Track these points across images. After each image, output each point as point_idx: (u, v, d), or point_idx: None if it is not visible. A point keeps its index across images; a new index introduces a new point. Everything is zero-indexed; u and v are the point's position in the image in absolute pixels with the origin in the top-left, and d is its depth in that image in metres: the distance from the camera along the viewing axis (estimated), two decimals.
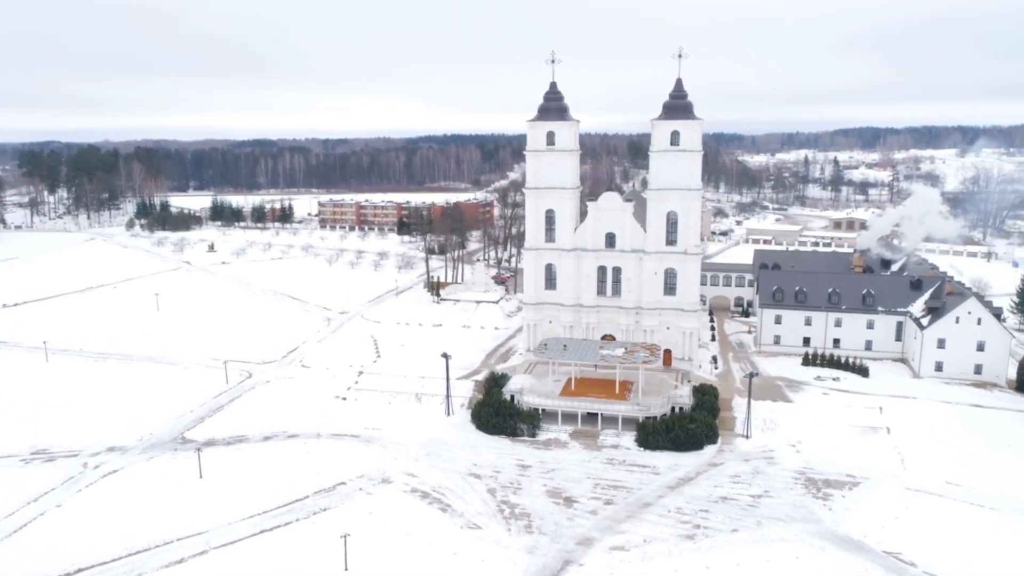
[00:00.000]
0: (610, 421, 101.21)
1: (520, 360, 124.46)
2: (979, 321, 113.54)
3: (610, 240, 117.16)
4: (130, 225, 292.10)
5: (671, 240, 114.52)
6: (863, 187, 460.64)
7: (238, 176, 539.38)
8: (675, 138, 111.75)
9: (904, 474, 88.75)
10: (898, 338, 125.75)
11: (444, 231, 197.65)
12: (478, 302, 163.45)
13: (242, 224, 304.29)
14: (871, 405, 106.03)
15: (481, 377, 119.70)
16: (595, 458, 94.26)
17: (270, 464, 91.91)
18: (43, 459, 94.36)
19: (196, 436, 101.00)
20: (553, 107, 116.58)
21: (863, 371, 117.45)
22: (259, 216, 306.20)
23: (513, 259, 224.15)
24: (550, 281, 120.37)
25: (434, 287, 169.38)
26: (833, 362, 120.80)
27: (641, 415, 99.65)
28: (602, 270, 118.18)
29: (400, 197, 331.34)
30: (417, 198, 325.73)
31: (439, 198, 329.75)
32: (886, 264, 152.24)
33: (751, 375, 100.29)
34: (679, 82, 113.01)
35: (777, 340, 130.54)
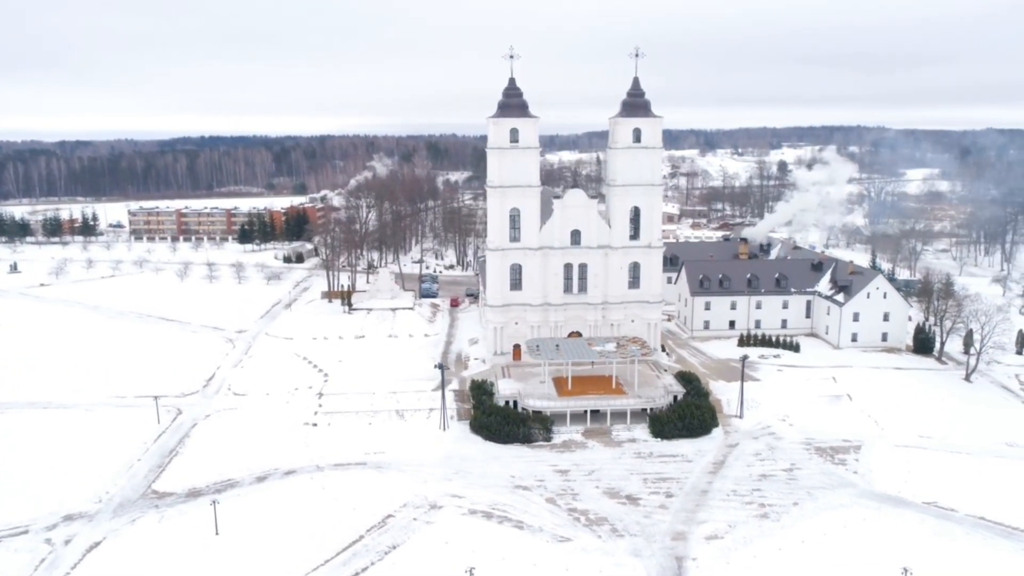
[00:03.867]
0: (614, 416, 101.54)
1: (485, 366, 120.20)
2: (885, 295, 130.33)
3: (575, 237, 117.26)
4: None
5: (634, 235, 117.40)
6: None
7: None
8: (637, 135, 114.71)
9: (885, 434, 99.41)
10: (807, 315, 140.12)
11: (338, 237, 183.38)
12: (394, 310, 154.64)
13: (31, 240, 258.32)
14: (824, 377, 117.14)
15: (455, 387, 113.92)
16: (622, 454, 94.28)
17: (289, 507, 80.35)
18: None
19: (169, 487, 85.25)
20: (514, 103, 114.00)
21: (795, 347, 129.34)
22: (53, 229, 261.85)
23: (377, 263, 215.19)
24: (515, 282, 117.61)
25: (344, 296, 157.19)
26: (766, 341, 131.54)
27: (648, 407, 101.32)
28: (568, 267, 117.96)
29: (227, 203, 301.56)
30: (244, 204, 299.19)
31: (263, 203, 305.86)
32: (765, 250, 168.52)
33: (744, 358, 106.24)
34: (636, 81, 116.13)
35: (707, 325, 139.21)
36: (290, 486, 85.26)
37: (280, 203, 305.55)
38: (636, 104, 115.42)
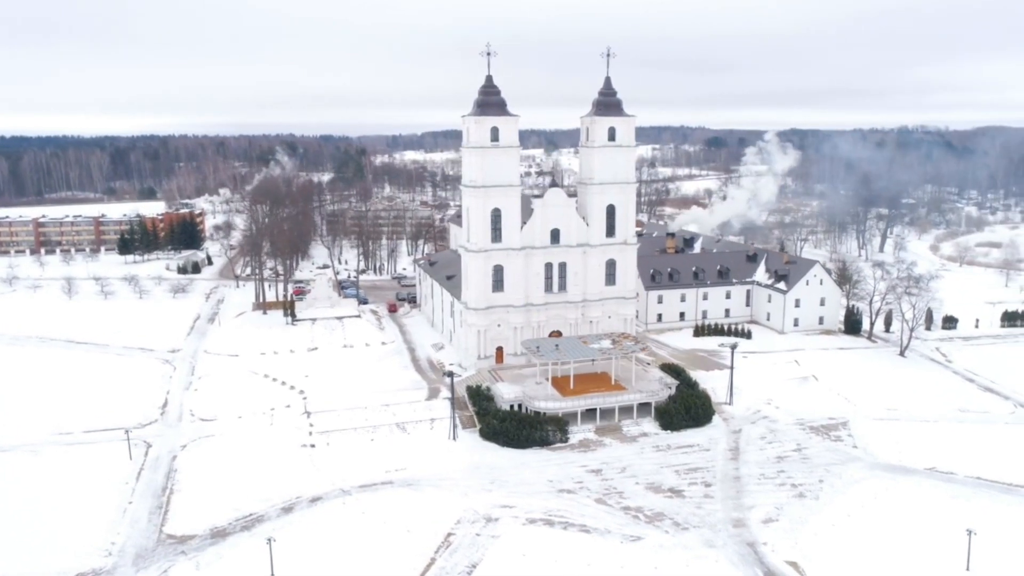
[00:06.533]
0: (619, 411, 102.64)
1: (468, 370, 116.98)
2: (821, 282, 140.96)
3: (555, 236, 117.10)
4: None
5: (610, 232, 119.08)
6: None
7: None
8: (612, 134, 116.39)
9: (860, 410, 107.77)
10: (747, 304, 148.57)
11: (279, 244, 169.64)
12: (340, 318, 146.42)
13: None
14: (788, 360, 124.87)
15: (446, 395, 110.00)
16: (642, 449, 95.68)
17: (337, 536, 74.62)
18: None
19: (186, 529, 76.27)
20: (493, 102, 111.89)
21: (748, 335, 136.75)
22: None
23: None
24: (497, 283, 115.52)
25: (286, 307, 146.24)
26: (719, 330, 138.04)
27: (653, 400, 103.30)
28: (548, 267, 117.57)
29: (93, 210, 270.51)
30: (112, 210, 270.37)
31: (122, 209, 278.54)
32: (689, 244, 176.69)
33: (733, 347, 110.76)
34: (608, 80, 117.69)
35: (660, 318, 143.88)
36: (325, 514, 78.88)
37: (123, 209, 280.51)
38: (610, 103, 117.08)
